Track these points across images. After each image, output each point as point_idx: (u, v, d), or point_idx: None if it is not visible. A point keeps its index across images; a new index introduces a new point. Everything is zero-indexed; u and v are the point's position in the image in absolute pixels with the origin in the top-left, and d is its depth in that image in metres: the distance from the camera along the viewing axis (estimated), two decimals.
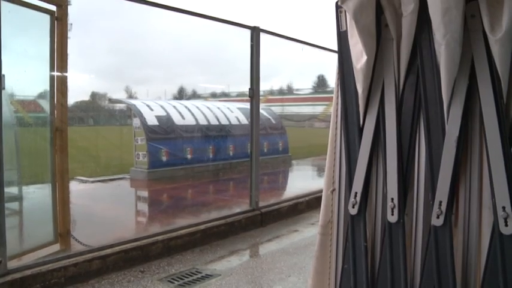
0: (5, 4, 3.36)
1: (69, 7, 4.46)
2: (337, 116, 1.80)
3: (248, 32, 5.98)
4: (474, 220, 1.46)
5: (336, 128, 1.81)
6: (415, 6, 1.49)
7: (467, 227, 1.47)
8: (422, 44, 1.54)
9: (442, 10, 1.38)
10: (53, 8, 4.28)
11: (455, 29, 1.39)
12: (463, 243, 1.48)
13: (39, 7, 4.16)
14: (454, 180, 1.46)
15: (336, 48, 1.81)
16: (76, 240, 4.47)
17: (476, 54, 1.44)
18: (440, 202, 1.45)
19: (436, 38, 1.44)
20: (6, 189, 3.57)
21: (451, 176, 1.44)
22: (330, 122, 1.91)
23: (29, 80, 4.51)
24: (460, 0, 1.37)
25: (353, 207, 1.67)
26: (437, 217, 1.46)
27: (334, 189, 1.80)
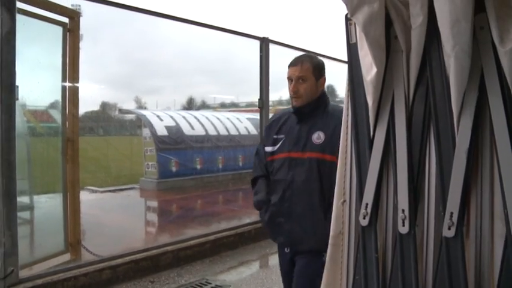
0: (19, 17, 3.42)
1: (80, 18, 4.53)
2: (347, 127, 1.81)
3: (257, 43, 6.02)
4: (486, 231, 1.45)
5: (346, 139, 1.81)
6: (424, 18, 1.50)
7: (479, 238, 1.46)
8: (432, 55, 1.55)
9: (450, 22, 1.39)
10: (66, 20, 4.35)
11: (464, 40, 1.39)
12: (475, 255, 1.47)
13: (52, 19, 4.23)
14: (465, 192, 1.46)
15: (344, 58, 1.83)
16: (86, 250, 4.50)
17: (486, 66, 1.44)
18: (452, 213, 1.45)
19: (445, 49, 1.44)
20: (18, 199, 3.61)
21: (461, 187, 1.44)
22: None
23: (41, 90, 4.56)
24: (468, 12, 1.37)
25: (364, 218, 1.66)
26: (449, 228, 1.45)
27: (344, 201, 1.80)
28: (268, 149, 2.69)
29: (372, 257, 1.66)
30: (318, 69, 2.58)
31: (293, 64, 2.55)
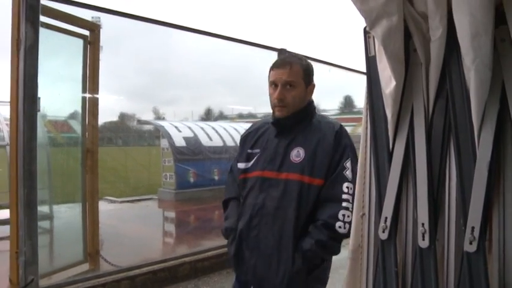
0: (42, 30, 3.49)
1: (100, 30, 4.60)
2: (366, 140, 1.80)
3: (275, 54, 6.04)
4: (509, 246, 1.43)
5: (366, 152, 1.81)
6: (443, 31, 1.49)
7: (503, 253, 1.44)
8: (452, 68, 1.54)
9: (470, 35, 1.38)
10: (86, 32, 4.43)
11: (484, 53, 1.38)
12: (499, 271, 1.44)
13: (74, 32, 4.31)
14: (487, 206, 1.44)
15: (362, 69, 1.83)
16: (105, 260, 4.53)
17: (507, 78, 1.42)
18: (473, 228, 1.43)
19: (465, 62, 1.43)
20: (38, 208, 3.65)
21: (483, 201, 1.42)
22: (357, 142, 1.93)
23: (62, 101, 4.64)
24: (489, 25, 1.36)
25: (383, 232, 1.65)
26: (470, 243, 1.43)
27: (364, 214, 1.79)
28: (241, 165, 2.25)
29: (392, 271, 1.64)
30: (308, 74, 2.17)
31: (279, 66, 2.11)
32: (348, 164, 2.05)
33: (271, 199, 2.07)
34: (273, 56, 6.05)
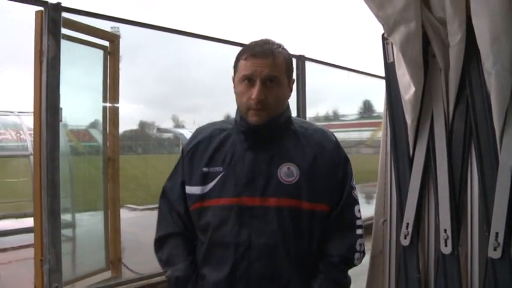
0: (64, 42, 3.56)
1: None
2: (386, 146, 1.80)
3: (294, 61, 6.02)
4: None
5: (386, 158, 1.80)
6: (462, 36, 1.49)
7: None
8: (472, 73, 1.53)
9: (490, 39, 1.37)
10: (106, 43, 4.50)
11: (505, 57, 1.38)
12: None
13: (94, 43, 4.37)
14: (511, 211, 1.42)
15: (381, 74, 1.82)
16: (127, 267, 4.56)
17: None
18: (497, 234, 1.41)
19: (485, 67, 1.43)
20: (61, 216, 3.70)
21: (507, 206, 1.41)
22: (377, 147, 1.91)
23: (83, 110, 4.71)
24: (509, 29, 1.36)
25: (405, 238, 1.65)
26: (495, 249, 1.42)
27: (385, 220, 1.79)
28: (192, 189, 1.59)
29: (414, 277, 1.63)
30: (291, 67, 1.62)
31: (259, 55, 1.49)
32: (354, 182, 1.63)
33: (259, 235, 1.48)
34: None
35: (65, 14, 3.56)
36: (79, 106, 4.52)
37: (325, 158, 1.57)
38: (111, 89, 4.53)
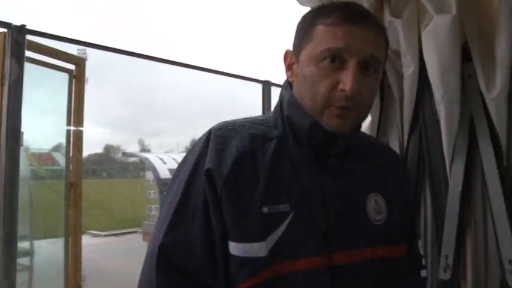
0: (27, 65, 3.52)
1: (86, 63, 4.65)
2: None
3: (260, 86, 6.08)
4: (482, 272, 1.47)
5: None
6: (415, 68, 1.56)
7: (475, 279, 1.48)
8: (424, 103, 1.60)
9: (439, 72, 1.45)
10: (72, 66, 4.47)
11: (453, 89, 1.45)
12: None
13: (59, 66, 4.34)
14: (460, 234, 1.48)
15: None
16: None
17: (475, 113, 1.49)
18: (447, 256, 1.47)
19: (436, 98, 1.50)
20: (18, 244, 3.59)
21: (456, 230, 1.46)
22: None
23: (45, 134, 4.63)
24: (456, 62, 1.43)
25: None
26: (445, 271, 1.47)
27: None
28: (247, 247, 0.88)
29: None
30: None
31: (361, 21, 0.93)
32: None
33: None
34: (258, 88, 6.08)
35: (29, 37, 3.52)
36: (42, 129, 4.45)
37: (399, 181, 1.14)
38: (75, 112, 4.48)
